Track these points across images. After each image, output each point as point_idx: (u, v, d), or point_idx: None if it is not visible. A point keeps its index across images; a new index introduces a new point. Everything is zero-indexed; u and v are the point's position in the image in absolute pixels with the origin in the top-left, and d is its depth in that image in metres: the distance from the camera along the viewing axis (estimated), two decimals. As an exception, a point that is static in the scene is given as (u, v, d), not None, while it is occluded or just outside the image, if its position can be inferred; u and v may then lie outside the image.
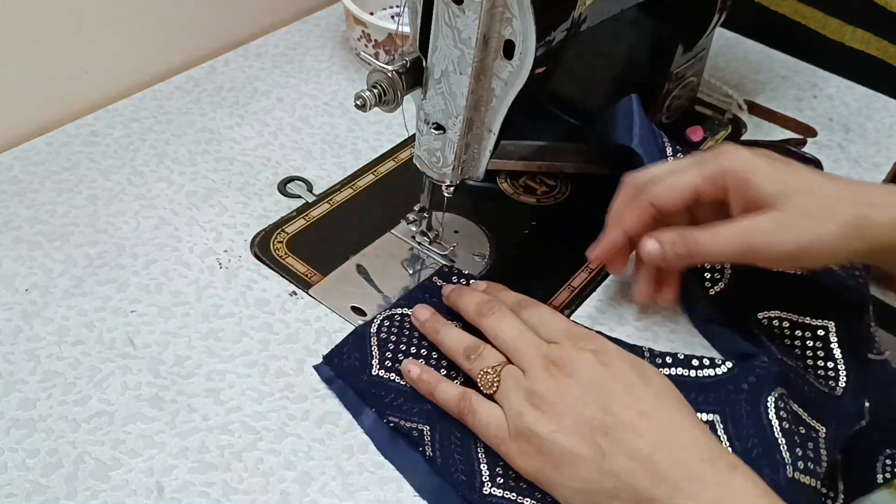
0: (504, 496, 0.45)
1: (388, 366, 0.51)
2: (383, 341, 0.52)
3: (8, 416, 0.47)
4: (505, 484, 0.45)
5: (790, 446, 0.45)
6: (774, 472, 0.44)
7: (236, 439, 0.47)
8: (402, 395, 0.49)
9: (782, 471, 0.44)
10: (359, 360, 0.51)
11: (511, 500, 0.45)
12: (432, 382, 0.48)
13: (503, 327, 0.48)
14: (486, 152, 0.51)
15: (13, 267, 0.55)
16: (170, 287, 0.55)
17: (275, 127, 0.70)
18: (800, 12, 0.87)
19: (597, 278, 0.58)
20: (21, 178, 0.62)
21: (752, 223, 0.47)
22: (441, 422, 0.48)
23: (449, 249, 0.58)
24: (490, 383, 0.46)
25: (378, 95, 0.49)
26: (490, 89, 0.48)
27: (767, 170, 0.47)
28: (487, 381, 0.46)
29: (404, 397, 0.49)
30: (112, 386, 0.49)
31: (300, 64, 0.78)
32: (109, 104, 0.70)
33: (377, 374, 0.50)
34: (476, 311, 0.50)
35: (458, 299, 0.52)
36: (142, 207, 0.61)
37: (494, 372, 0.46)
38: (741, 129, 0.74)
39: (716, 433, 0.47)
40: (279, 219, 0.60)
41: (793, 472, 0.44)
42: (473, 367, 0.48)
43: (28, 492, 0.43)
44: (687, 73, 0.70)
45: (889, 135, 0.76)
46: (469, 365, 0.48)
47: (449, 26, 0.46)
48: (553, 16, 0.46)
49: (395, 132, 0.70)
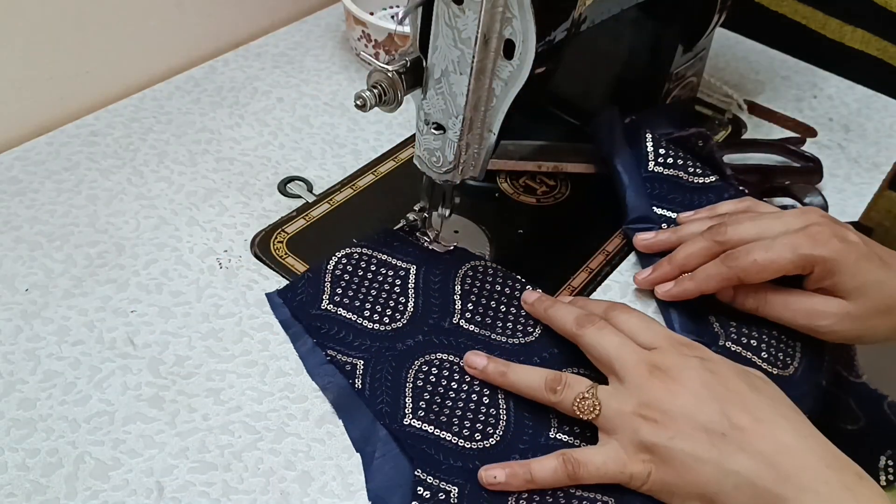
0: (423, 428, 0.47)
1: (336, 301, 0.53)
2: (337, 278, 0.54)
3: (8, 416, 0.47)
4: (426, 418, 0.48)
5: None
6: None
7: (236, 439, 0.47)
8: (345, 329, 0.52)
9: None
10: (311, 295, 0.53)
11: (429, 433, 0.47)
12: (522, 470, 0.44)
13: (604, 338, 0.46)
14: (486, 152, 0.51)
15: (13, 267, 0.55)
16: (170, 287, 0.55)
17: (275, 127, 0.70)
18: (800, 12, 0.87)
19: (597, 278, 0.58)
20: (21, 178, 0.62)
21: (823, 308, 0.50)
22: (377, 359, 0.50)
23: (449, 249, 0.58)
24: (590, 409, 0.44)
25: (378, 95, 0.49)
26: (490, 89, 0.48)
27: (853, 263, 0.49)
28: (586, 407, 0.44)
29: (346, 330, 0.52)
30: (112, 386, 0.49)
31: (300, 64, 0.78)
32: (109, 104, 0.70)
33: (326, 308, 0.52)
34: (575, 324, 0.48)
35: (550, 311, 0.51)
36: (142, 207, 0.61)
37: (591, 395, 0.44)
38: (741, 129, 0.74)
39: None
40: (279, 219, 0.60)
41: None
42: (565, 399, 0.45)
43: (28, 492, 0.43)
44: (687, 73, 0.70)
45: (889, 135, 0.76)
46: (557, 398, 0.46)
47: (449, 26, 0.46)
48: (553, 16, 0.46)
49: (395, 132, 0.70)
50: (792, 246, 0.49)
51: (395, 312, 0.53)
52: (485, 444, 0.47)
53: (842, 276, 0.49)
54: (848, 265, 0.48)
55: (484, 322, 0.53)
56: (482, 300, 0.54)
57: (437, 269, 0.56)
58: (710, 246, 0.53)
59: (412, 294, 0.54)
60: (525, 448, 0.47)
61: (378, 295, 0.54)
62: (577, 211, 0.64)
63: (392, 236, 0.57)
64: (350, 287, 0.54)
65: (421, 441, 0.47)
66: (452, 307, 0.54)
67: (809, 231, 0.50)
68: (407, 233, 0.58)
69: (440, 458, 0.46)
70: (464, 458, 0.46)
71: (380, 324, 0.52)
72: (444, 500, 0.44)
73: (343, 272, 0.54)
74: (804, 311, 0.51)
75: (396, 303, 0.53)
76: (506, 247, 0.60)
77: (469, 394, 0.49)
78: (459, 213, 0.61)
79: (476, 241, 0.60)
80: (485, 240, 0.60)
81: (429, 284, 0.55)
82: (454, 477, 0.45)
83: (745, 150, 0.70)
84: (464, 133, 0.50)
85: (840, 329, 0.50)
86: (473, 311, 0.54)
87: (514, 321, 0.54)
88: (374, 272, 0.55)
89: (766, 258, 0.49)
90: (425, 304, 0.54)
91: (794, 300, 0.51)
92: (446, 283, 0.55)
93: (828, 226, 0.50)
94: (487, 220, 0.62)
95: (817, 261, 0.49)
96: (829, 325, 0.50)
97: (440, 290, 0.54)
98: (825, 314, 0.50)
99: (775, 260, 0.49)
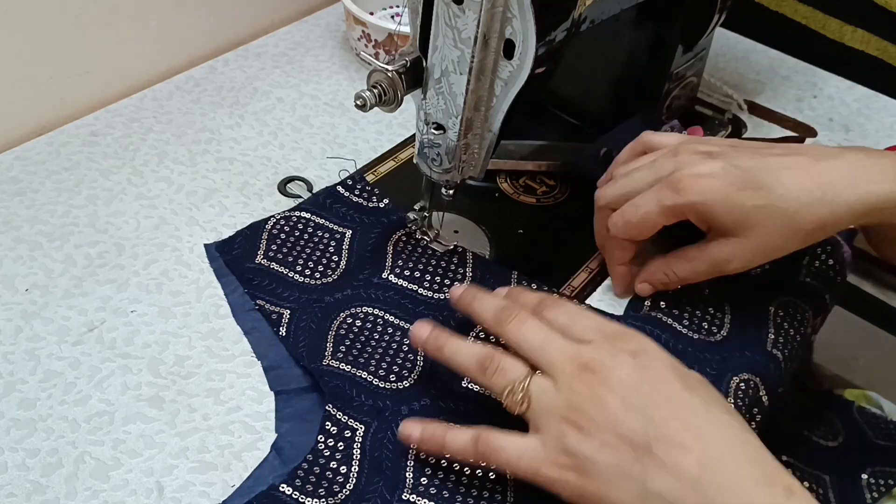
0: (340, 367, 0.48)
1: (270, 256, 0.55)
2: (273, 236, 0.56)
3: (8, 416, 0.47)
4: (344, 359, 0.49)
5: None
6: None
7: (236, 439, 0.47)
8: (276, 282, 0.54)
9: None
10: (247, 250, 0.55)
11: (345, 371, 0.49)
12: (437, 434, 0.44)
13: (525, 333, 0.43)
14: (486, 152, 0.51)
15: (13, 267, 0.55)
16: (170, 287, 0.55)
17: (275, 127, 0.70)
18: (800, 12, 0.87)
19: (597, 278, 0.58)
20: (21, 178, 0.62)
21: (721, 255, 0.49)
22: (304, 309, 0.52)
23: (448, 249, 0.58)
24: (518, 403, 0.42)
25: (378, 95, 0.49)
26: (490, 89, 0.48)
27: (724, 199, 0.47)
28: (514, 401, 0.42)
29: (277, 283, 0.54)
30: (112, 386, 0.49)
31: (300, 64, 0.77)
32: (109, 104, 0.70)
33: (259, 263, 0.55)
34: (494, 319, 0.45)
35: (472, 305, 0.47)
36: (142, 207, 0.61)
37: (522, 389, 0.42)
38: (741, 129, 0.74)
39: None
40: (279, 219, 0.60)
41: None
42: (494, 384, 0.43)
43: (28, 492, 0.43)
44: (687, 73, 0.70)
45: (889, 135, 0.76)
46: (487, 380, 0.43)
47: (449, 26, 0.46)
48: (553, 16, 0.46)
49: (395, 132, 0.70)
50: (656, 200, 0.49)
51: (327, 269, 0.55)
52: (398, 386, 0.49)
53: (718, 216, 0.47)
54: (719, 203, 0.47)
55: (413, 276, 0.55)
56: (413, 256, 0.56)
57: (372, 233, 0.57)
58: (603, 214, 0.54)
59: (346, 254, 0.56)
60: (436, 394, 0.48)
61: (312, 253, 0.56)
62: (577, 211, 0.64)
63: (335, 199, 0.59)
64: (285, 245, 0.56)
65: (336, 378, 0.48)
66: (384, 263, 0.55)
67: (672, 178, 0.48)
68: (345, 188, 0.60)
69: (353, 394, 0.47)
70: (375, 396, 0.48)
71: (311, 278, 0.54)
72: (349, 437, 0.46)
73: (280, 232, 0.57)
74: (708, 267, 0.50)
75: (329, 260, 0.55)
76: (506, 247, 0.60)
77: (390, 342, 0.51)
78: (459, 213, 0.61)
79: (476, 240, 0.60)
80: (485, 240, 0.60)
81: (363, 245, 0.56)
82: (363, 416, 0.47)
83: (745, 150, 0.70)
84: (464, 133, 0.50)
85: (748, 262, 0.49)
86: (403, 266, 0.55)
87: (443, 276, 0.55)
88: (311, 234, 0.57)
89: (636, 218, 0.50)
90: (358, 261, 0.55)
91: (696, 262, 0.50)
92: (380, 244, 0.56)
93: (692, 165, 0.48)
94: (487, 220, 0.62)
95: (685, 209, 0.48)
96: (736, 265, 0.49)
97: (373, 250, 0.56)
98: (725, 260, 0.49)
99: (645, 217, 0.49)
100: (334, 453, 0.45)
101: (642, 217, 0.50)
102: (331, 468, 0.45)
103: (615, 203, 0.52)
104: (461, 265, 0.56)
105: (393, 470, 0.45)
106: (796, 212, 0.46)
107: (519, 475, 0.42)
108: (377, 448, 0.46)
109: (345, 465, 0.45)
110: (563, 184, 0.66)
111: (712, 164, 0.48)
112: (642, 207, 0.50)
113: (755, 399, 0.48)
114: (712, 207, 0.47)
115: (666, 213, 0.49)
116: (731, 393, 0.48)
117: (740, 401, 0.48)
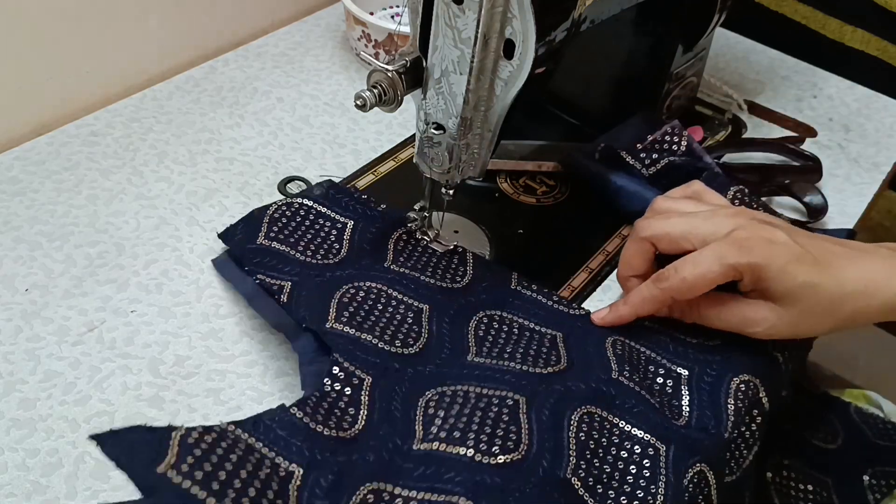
0: (345, 330, 0.48)
1: (272, 236, 0.55)
2: (274, 220, 0.56)
3: (8, 416, 0.47)
4: (349, 322, 0.48)
5: None
6: None
7: (236, 439, 0.47)
8: (276, 258, 0.53)
9: None
10: (248, 234, 0.55)
11: (350, 334, 0.48)
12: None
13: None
14: (486, 152, 0.51)
15: (13, 267, 0.55)
16: (170, 287, 0.55)
17: (275, 127, 0.70)
18: (800, 12, 0.88)
19: (597, 278, 0.58)
20: (21, 178, 0.62)
21: (755, 316, 0.49)
22: (304, 281, 0.51)
23: (449, 249, 0.58)
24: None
25: (378, 95, 0.49)
26: (490, 89, 0.48)
27: (782, 267, 0.48)
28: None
29: (277, 259, 0.53)
30: (112, 386, 0.49)
31: (300, 64, 0.78)
32: (109, 104, 0.70)
33: (260, 243, 0.54)
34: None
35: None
36: (142, 207, 0.61)
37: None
38: (741, 129, 0.74)
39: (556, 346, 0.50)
40: (279, 219, 0.60)
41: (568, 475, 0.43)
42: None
43: (28, 492, 0.43)
44: (687, 73, 0.70)
45: (889, 135, 0.76)
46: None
47: (449, 26, 0.46)
48: (553, 16, 0.46)
49: (395, 132, 0.70)
50: (718, 256, 0.48)
51: (328, 253, 0.54)
52: (404, 351, 0.48)
53: (771, 282, 0.48)
54: (776, 269, 0.47)
55: (416, 266, 0.54)
56: (415, 253, 0.56)
57: (373, 227, 0.57)
58: (641, 246, 0.52)
59: (346, 243, 0.55)
60: (440, 363, 0.48)
61: (314, 237, 0.55)
62: (577, 211, 0.64)
63: (337, 191, 0.59)
64: (287, 228, 0.55)
65: (341, 338, 0.47)
66: (385, 256, 0.55)
67: (735, 237, 0.48)
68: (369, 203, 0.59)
69: (359, 352, 0.47)
70: (382, 356, 0.47)
71: (312, 258, 0.54)
72: (356, 385, 0.45)
73: (281, 216, 0.56)
74: (737, 321, 0.50)
75: (331, 246, 0.55)
76: (506, 247, 0.60)
77: (394, 314, 0.50)
78: (459, 213, 0.61)
79: (476, 241, 0.60)
80: (485, 240, 0.60)
81: (363, 237, 0.56)
82: (370, 369, 0.46)
83: (744, 149, 0.70)
84: (464, 133, 0.50)
85: (775, 333, 0.49)
86: (407, 257, 0.55)
87: (444, 270, 0.55)
88: (313, 221, 0.56)
89: (694, 275, 0.48)
90: (358, 251, 0.55)
91: (727, 310, 0.50)
92: (381, 238, 0.56)
93: (755, 228, 0.49)
94: (487, 220, 0.62)
95: (744, 269, 0.48)
96: (761, 332, 0.49)
97: (373, 242, 0.56)
98: (756, 322, 0.49)
99: (703, 275, 0.48)
100: (342, 396, 0.44)
101: (701, 274, 0.48)
102: (339, 407, 0.44)
103: (659, 239, 0.51)
104: (461, 265, 0.56)
105: (402, 421, 0.44)
106: (839, 298, 0.48)
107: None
108: (386, 399, 0.45)
109: (353, 407, 0.44)
110: (563, 184, 0.66)
111: (776, 232, 0.49)
112: (702, 265, 0.48)
113: (755, 400, 0.48)
114: (769, 272, 0.48)
115: (725, 273, 0.48)
116: (731, 394, 0.48)
117: (740, 402, 0.48)
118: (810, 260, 0.48)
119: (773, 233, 0.49)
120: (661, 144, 0.63)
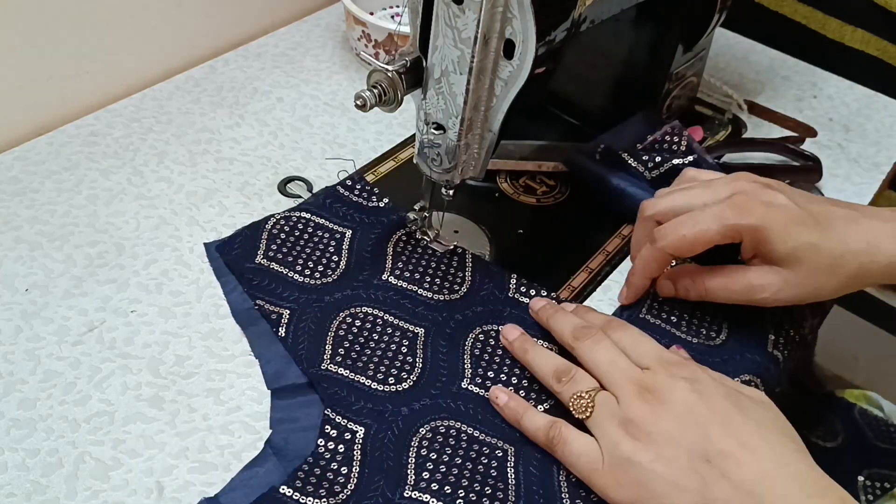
0: (339, 372, 0.49)
1: (270, 256, 0.55)
2: (273, 236, 0.56)
3: (8, 416, 0.47)
4: (342, 363, 0.49)
5: None
6: None
7: (236, 439, 0.47)
8: (275, 281, 0.54)
9: None
10: (247, 250, 0.55)
11: (345, 377, 0.49)
12: (519, 410, 0.47)
13: (598, 353, 0.47)
14: (486, 152, 0.51)
15: (13, 267, 0.55)
16: (170, 287, 0.55)
17: (275, 127, 0.70)
18: (800, 12, 0.87)
19: (597, 278, 0.58)
20: (21, 178, 0.62)
21: (760, 281, 0.49)
22: (303, 309, 0.52)
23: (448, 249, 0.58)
24: (584, 408, 0.45)
25: (378, 95, 0.49)
26: (490, 89, 0.48)
27: (783, 228, 0.48)
28: (581, 405, 0.45)
29: (276, 282, 0.54)
30: (112, 386, 0.49)
31: (300, 64, 0.78)
32: (109, 104, 0.70)
33: (259, 263, 0.55)
34: (571, 335, 0.49)
35: (551, 321, 0.51)
36: (142, 207, 0.61)
37: (589, 397, 0.45)
38: (741, 129, 0.74)
39: None
40: (279, 219, 0.60)
41: None
42: (565, 391, 0.46)
43: (28, 492, 0.43)
44: (687, 73, 0.70)
45: (889, 135, 0.76)
46: (560, 388, 0.47)
47: (449, 26, 0.46)
48: (553, 16, 0.46)
49: (395, 132, 0.70)
50: (717, 216, 0.48)
51: (327, 269, 0.55)
52: (397, 388, 0.49)
53: (772, 244, 0.48)
54: (777, 231, 0.47)
55: (413, 278, 0.55)
56: (413, 258, 0.56)
57: (372, 233, 0.57)
58: (647, 225, 0.53)
59: (345, 253, 0.56)
60: (436, 393, 0.49)
61: (311, 253, 0.56)
62: (577, 211, 0.64)
63: (335, 199, 0.59)
64: (285, 245, 0.56)
65: (335, 384, 0.48)
66: (383, 265, 0.55)
67: (735, 200, 0.49)
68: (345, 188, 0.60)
69: (352, 399, 0.48)
70: (375, 400, 0.48)
71: (310, 278, 0.54)
72: (349, 440, 0.46)
73: (280, 231, 0.57)
74: (742, 289, 0.50)
75: (329, 260, 0.55)
76: (506, 247, 0.60)
77: (389, 344, 0.51)
78: (459, 213, 0.61)
79: (476, 240, 0.60)
80: (485, 240, 0.60)
81: (363, 246, 0.57)
82: (363, 418, 0.47)
83: (744, 149, 0.70)
84: (464, 133, 0.50)
85: (782, 297, 0.49)
86: (403, 268, 0.55)
87: (442, 278, 0.55)
88: (311, 234, 0.57)
89: (693, 232, 0.49)
90: (357, 261, 0.56)
91: (731, 280, 0.50)
92: (380, 244, 0.57)
93: (755, 191, 0.49)
94: (487, 220, 0.62)
95: (745, 230, 0.48)
96: (769, 297, 0.49)
97: (373, 250, 0.56)
98: (762, 287, 0.49)
99: (703, 233, 0.49)
100: (335, 455, 0.45)
101: (699, 232, 0.49)
102: (331, 469, 0.45)
103: (663, 215, 0.52)
104: (460, 268, 0.56)
105: (394, 468, 0.45)
106: (841, 256, 0.48)
107: (576, 472, 0.45)
108: (378, 448, 0.46)
109: (345, 466, 0.45)
110: (563, 184, 0.66)
111: (776, 195, 0.49)
112: (701, 223, 0.49)
113: None
114: (770, 234, 0.48)
115: (724, 232, 0.48)
116: None
117: None
118: (811, 221, 0.48)
119: (773, 195, 0.49)
120: (661, 144, 0.63)
